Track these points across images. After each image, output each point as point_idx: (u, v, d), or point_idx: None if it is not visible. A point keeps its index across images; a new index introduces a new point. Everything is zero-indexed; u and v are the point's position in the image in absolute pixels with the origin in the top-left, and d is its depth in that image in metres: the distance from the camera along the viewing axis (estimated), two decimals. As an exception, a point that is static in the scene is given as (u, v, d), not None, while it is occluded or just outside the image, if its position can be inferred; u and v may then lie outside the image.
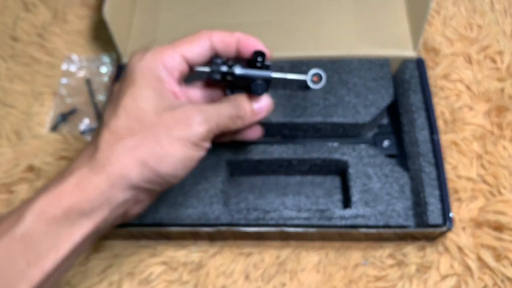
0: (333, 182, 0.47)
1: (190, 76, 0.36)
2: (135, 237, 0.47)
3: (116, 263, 0.47)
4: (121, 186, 0.30)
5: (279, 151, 0.45)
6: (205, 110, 0.32)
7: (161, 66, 0.32)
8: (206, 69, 0.35)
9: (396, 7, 0.51)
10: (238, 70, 0.33)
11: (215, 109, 0.33)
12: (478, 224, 0.46)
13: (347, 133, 0.47)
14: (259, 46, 0.36)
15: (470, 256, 0.44)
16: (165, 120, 0.31)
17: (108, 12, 0.46)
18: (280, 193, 0.47)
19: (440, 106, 0.51)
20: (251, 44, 0.35)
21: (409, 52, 0.49)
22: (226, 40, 0.34)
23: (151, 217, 0.43)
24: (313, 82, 0.40)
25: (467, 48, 0.54)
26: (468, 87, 0.52)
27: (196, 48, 0.33)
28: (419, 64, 0.48)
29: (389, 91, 0.47)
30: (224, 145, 0.46)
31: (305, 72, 0.42)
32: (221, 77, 0.34)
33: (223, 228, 0.42)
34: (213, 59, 0.34)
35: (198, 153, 0.33)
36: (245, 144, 0.46)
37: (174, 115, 0.31)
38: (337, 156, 0.45)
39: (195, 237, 0.47)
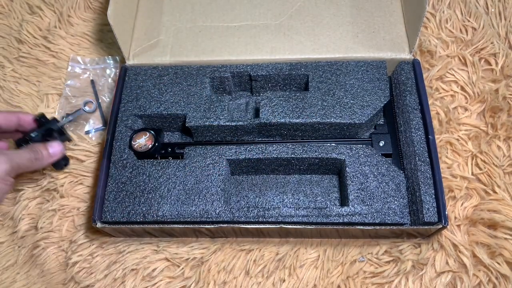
0: (331, 181, 0.48)
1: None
2: (138, 235, 0.48)
3: (120, 259, 0.48)
4: None
5: (278, 150, 0.46)
6: (7, 153, 0.41)
7: None
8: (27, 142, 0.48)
9: (393, 11, 0.52)
10: (33, 134, 0.47)
11: (16, 153, 0.42)
12: (473, 222, 0.47)
13: (345, 133, 0.48)
14: (31, 116, 0.47)
15: (465, 253, 0.45)
16: None
17: (112, 16, 0.48)
18: (279, 191, 0.48)
19: (436, 107, 0.52)
20: (28, 118, 0.47)
21: (405, 55, 0.50)
22: (9, 118, 0.46)
23: (154, 215, 0.44)
24: (87, 108, 0.56)
25: (462, 50, 0.55)
26: (463, 88, 0.53)
27: None
28: (415, 65, 0.49)
29: (386, 92, 0.48)
30: (225, 145, 0.47)
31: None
32: (27, 142, 0.47)
33: (224, 226, 0.43)
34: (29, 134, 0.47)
35: (5, 187, 0.40)
36: (246, 144, 0.47)
37: None
38: (334, 155, 0.45)
39: (197, 234, 0.48)
